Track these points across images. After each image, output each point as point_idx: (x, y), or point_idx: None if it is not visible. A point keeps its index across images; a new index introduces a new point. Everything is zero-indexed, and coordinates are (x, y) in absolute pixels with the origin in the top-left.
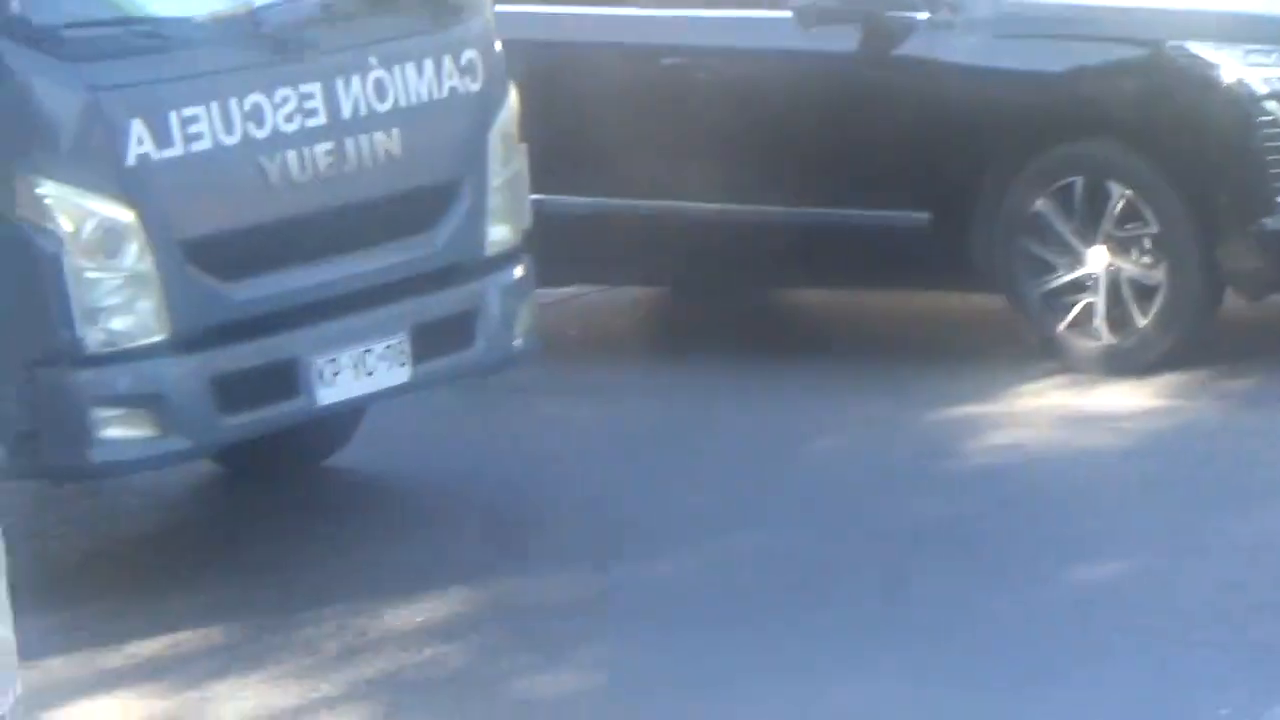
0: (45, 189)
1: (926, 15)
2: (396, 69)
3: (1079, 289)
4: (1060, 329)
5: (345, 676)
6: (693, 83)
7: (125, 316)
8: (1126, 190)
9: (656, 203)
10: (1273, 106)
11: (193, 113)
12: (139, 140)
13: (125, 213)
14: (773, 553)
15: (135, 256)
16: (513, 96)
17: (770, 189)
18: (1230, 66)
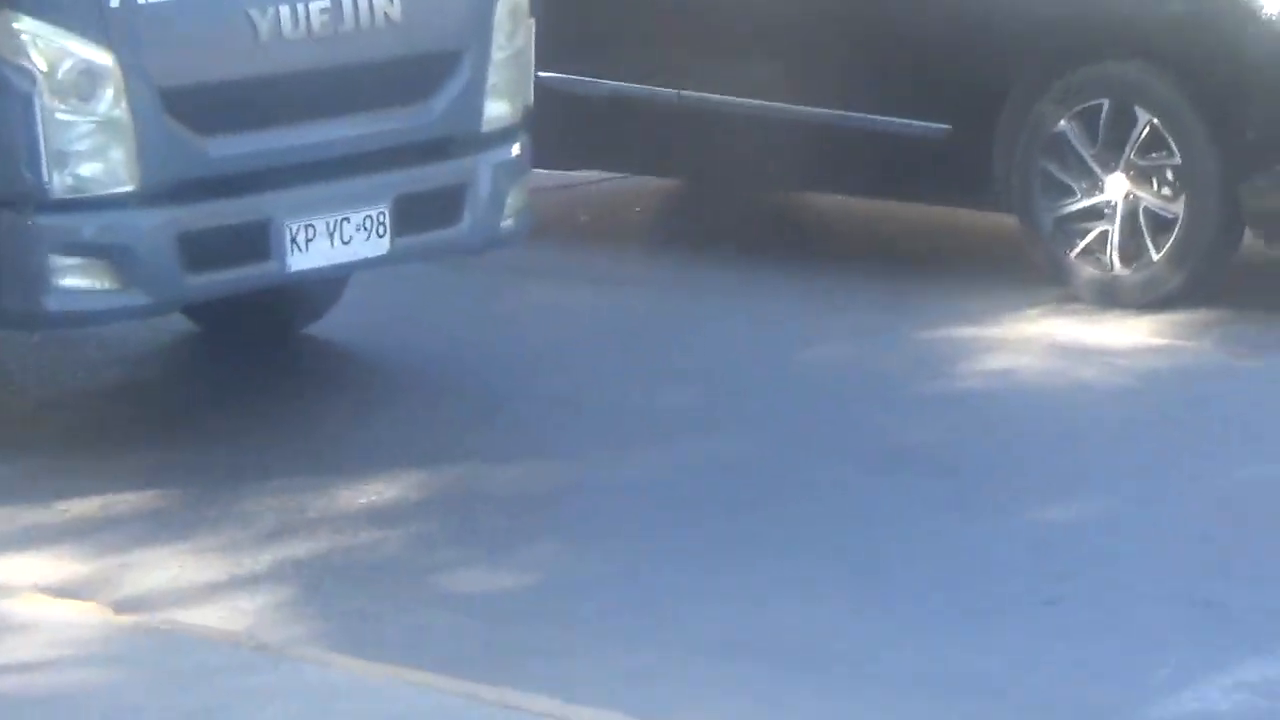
0: (23, 24)
1: None
2: None
3: (1094, 216)
4: (1071, 256)
5: (272, 555)
6: None
7: (95, 163)
8: (1153, 117)
9: (675, 92)
10: None
11: None
12: None
13: (104, 55)
14: (738, 462)
15: (110, 102)
16: None
17: (791, 86)
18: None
